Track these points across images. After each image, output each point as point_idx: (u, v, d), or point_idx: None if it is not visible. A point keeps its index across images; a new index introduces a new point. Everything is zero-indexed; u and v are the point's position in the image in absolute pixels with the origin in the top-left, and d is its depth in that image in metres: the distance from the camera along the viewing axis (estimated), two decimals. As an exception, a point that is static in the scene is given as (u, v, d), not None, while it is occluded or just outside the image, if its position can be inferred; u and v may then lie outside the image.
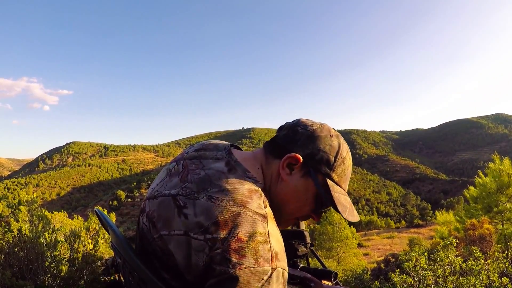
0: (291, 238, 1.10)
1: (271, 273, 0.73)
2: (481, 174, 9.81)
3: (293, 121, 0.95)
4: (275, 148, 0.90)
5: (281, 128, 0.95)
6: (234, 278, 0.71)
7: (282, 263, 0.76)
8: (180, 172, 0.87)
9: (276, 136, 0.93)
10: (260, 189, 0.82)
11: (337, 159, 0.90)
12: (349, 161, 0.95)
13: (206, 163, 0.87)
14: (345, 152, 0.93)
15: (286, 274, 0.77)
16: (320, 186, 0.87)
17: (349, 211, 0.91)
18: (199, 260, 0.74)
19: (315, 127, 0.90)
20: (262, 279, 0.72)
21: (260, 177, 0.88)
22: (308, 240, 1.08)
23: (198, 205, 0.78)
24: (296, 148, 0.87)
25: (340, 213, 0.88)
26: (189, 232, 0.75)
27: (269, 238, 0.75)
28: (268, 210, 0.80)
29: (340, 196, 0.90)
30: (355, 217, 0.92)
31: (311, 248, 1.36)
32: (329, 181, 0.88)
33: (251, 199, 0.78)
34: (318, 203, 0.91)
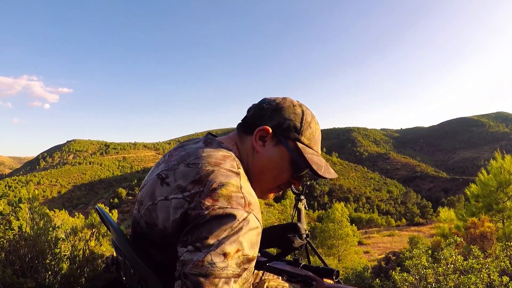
0: (286, 232, 1.12)
1: (246, 217, 0.76)
2: (483, 171, 9.78)
3: (259, 101, 1.03)
4: (246, 126, 0.98)
5: (249, 109, 1.03)
6: (209, 220, 0.74)
7: (256, 213, 0.79)
8: (166, 160, 0.96)
9: (246, 116, 1.01)
10: (234, 155, 0.90)
11: (303, 124, 0.96)
12: (315, 125, 1.00)
13: (188, 147, 0.96)
14: (310, 117, 0.99)
15: (259, 225, 0.79)
16: (292, 150, 0.94)
17: (324, 169, 0.96)
18: (177, 216, 0.79)
19: (278, 101, 0.98)
20: (237, 220, 0.74)
21: (235, 152, 0.95)
22: (303, 231, 1.10)
23: (177, 172, 0.86)
24: (265, 121, 0.95)
25: (315, 171, 0.94)
26: (169, 195, 0.82)
27: (241, 190, 0.80)
28: (241, 171, 0.87)
29: (313, 156, 0.96)
30: (331, 174, 0.99)
31: (307, 239, 1.35)
32: (300, 145, 0.95)
33: (224, 161, 0.86)
34: (294, 167, 0.96)
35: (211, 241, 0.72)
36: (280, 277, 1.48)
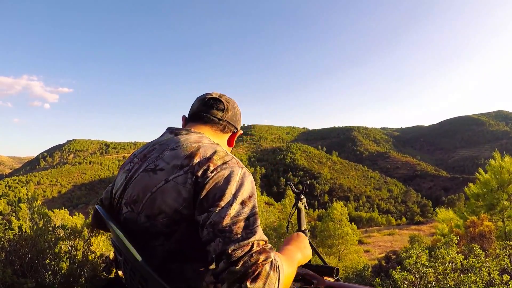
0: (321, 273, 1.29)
1: (242, 170, 0.96)
2: (481, 171, 9.78)
3: (228, 102, 1.26)
4: (227, 126, 1.23)
5: (222, 108, 1.23)
6: (217, 181, 0.91)
7: (246, 167, 0.99)
8: (140, 161, 1.08)
9: (221, 117, 1.22)
10: (205, 135, 1.11)
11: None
12: None
13: (158, 142, 1.11)
14: None
15: (250, 175, 0.99)
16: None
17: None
18: (187, 188, 0.92)
19: (236, 106, 1.29)
20: (238, 174, 0.94)
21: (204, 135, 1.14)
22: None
23: (165, 158, 1.00)
24: (238, 125, 1.28)
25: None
26: (169, 177, 0.95)
27: (228, 153, 1.01)
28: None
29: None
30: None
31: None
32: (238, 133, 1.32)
33: (201, 139, 1.06)
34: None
35: (227, 197, 0.89)
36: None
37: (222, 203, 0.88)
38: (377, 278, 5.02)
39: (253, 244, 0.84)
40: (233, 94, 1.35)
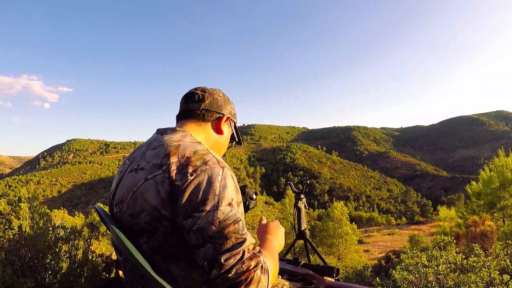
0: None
1: (223, 171, 0.93)
2: (486, 168, 9.75)
3: (203, 91, 1.24)
4: (206, 115, 1.21)
5: (197, 99, 1.22)
6: (197, 184, 0.89)
7: (228, 166, 0.97)
8: (130, 162, 1.09)
9: (199, 107, 1.21)
10: (189, 133, 1.11)
11: (235, 112, 1.35)
12: None
13: (144, 143, 1.13)
14: None
15: (233, 174, 0.98)
16: (234, 129, 1.33)
17: (241, 141, 1.40)
18: (165, 188, 0.90)
19: (221, 93, 1.28)
20: (219, 175, 0.91)
21: (188, 133, 1.14)
22: (251, 192, 1.32)
23: (146, 157, 1.00)
24: (224, 110, 1.25)
25: (239, 143, 1.39)
26: (148, 176, 0.94)
27: (209, 151, 0.99)
28: (201, 142, 1.07)
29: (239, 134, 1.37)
30: (241, 143, 1.42)
31: (306, 237, 1.42)
32: (236, 126, 1.35)
33: (184, 138, 1.06)
34: (232, 140, 1.36)
35: (211, 200, 0.87)
36: (280, 276, 1.48)
37: (207, 207, 0.86)
38: (377, 278, 5.02)
39: (244, 251, 0.86)
40: (233, 94, 1.35)
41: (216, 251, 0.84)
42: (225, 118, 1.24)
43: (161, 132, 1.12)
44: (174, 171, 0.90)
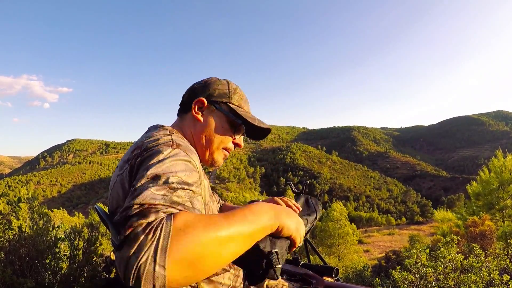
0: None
1: (172, 151, 0.83)
2: (485, 169, 9.75)
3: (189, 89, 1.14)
4: (184, 106, 1.11)
5: (184, 95, 1.14)
6: (141, 161, 0.82)
7: (188, 151, 0.87)
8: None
9: (182, 100, 1.13)
10: (167, 127, 1.02)
11: (230, 90, 1.11)
12: (241, 91, 1.16)
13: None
14: (234, 85, 1.14)
15: (188, 158, 0.84)
16: (228, 111, 1.08)
17: (258, 121, 1.13)
18: (128, 181, 0.86)
19: (205, 79, 1.13)
20: (163, 153, 0.81)
21: (170, 128, 1.04)
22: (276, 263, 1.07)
23: (125, 154, 0.97)
24: (200, 94, 1.08)
25: (251, 124, 1.10)
26: (120, 172, 0.91)
27: (171, 138, 0.90)
28: (175, 136, 0.96)
29: (247, 113, 1.12)
30: (265, 124, 1.14)
31: (306, 237, 1.37)
32: (232, 105, 1.09)
33: (159, 132, 0.96)
34: (232, 127, 1.10)
35: (142, 173, 0.76)
36: (280, 276, 1.48)
37: (136, 183, 0.74)
38: (377, 278, 5.02)
39: (133, 206, 0.67)
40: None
41: (120, 216, 0.68)
42: (197, 104, 1.08)
43: (147, 130, 1.07)
44: (134, 159, 0.86)
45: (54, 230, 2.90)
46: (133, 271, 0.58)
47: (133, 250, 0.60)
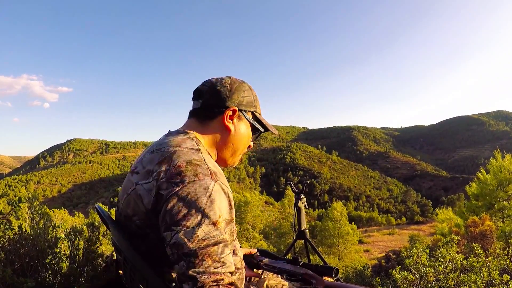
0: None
1: (215, 185, 0.83)
2: (482, 170, 9.76)
3: (205, 85, 1.10)
4: (207, 111, 1.07)
5: (199, 94, 1.09)
6: (183, 196, 0.81)
7: (223, 180, 0.88)
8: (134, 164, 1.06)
9: (200, 105, 1.08)
10: (191, 136, 1.01)
11: (254, 98, 1.13)
12: (257, 95, 1.17)
13: (149, 147, 1.06)
14: (253, 90, 1.15)
15: (228, 189, 0.87)
16: (253, 120, 1.12)
17: (272, 129, 1.19)
18: (152, 197, 0.85)
19: (230, 82, 1.09)
20: (208, 189, 0.82)
21: (193, 134, 1.04)
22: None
23: (144, 161, 0.96)
24: (228, 103, 1.06)
25: (271, 131, 1.18)
26: (139, 181, 0.91)
27: (205, 162, 0.89)
28: (202, 147, 0.97)
29: (267, 122, 1.17)
30: (275, 130, 1.22)
31: (306, 237, 1.38)
32: (257, 115, 1.14)
33: (184, 142, 0.96)
34: (254, 134, 1.16)
35: (195, 215, 0.79)
36: (280, 276, 1.48)
37: (188, 223, 0.78)
38: (377, 278, 5.02)
39: (222, 277, 0.78)
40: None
41: (188, 269, 0.77)
42: (229, 112, 1.06)
43: (167, 134, 1.06)
44: (163, 180, 0.84)
45: (55, 230, 2.90)
46: None
47: None
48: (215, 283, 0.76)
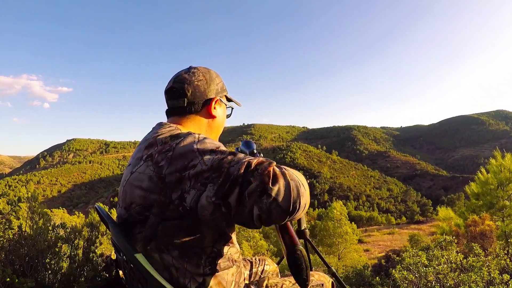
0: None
1: (199, 135, 0.95)
2: (482, 169, 9.75)
3: (181, 82, 1.14)
4: (192, 108, 1.15)
5: (179, 94, 1.14)
6: (182, 152, 0.89)
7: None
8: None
9: (185, 103, 1.14)
10: (178, 127, 1.09)
11: (222, 82, 1.25)
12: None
13: None
14: (217, 73, 1.26)
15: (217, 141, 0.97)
16: (228, 102, 1.29)
17: (238, 102, 1.34)
18: (149, 176, 0.92)
19: (201, 74, 1.18)
20: (194, 138, 0.93)
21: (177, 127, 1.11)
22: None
23: (134, 152, 1.06)
24: (209, 94, 1.17)
25: (238, 104, 1.33)
26: (133, 169, 0.99)
27: (191, 132, 1.01)
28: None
29: (235, 99, 1.33)
30: (240, 103, 1.35)
31: (306, 237, 1.37)
32: (228, 96, 1.28)
33: (170, 127, 1.06)
34: (229, 113, 1.32)
35: (193, 156, 0.87)
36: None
37: (193, 162, 0.85)
38: (377, 278, 5.03)
39: (250, 161, 0.81)
40: (233, 94, 1.32)
41: (221, 182, 0.80)
42: (214, 102, 1.18)
43: (154, 127, 1.12)
44: (156, 156, 0.93)
45: (54, 230, 2.90)
46: (293, 189, 0.77)
47: (288, 178, 0.78)
48: (250, 167, 0.80)
